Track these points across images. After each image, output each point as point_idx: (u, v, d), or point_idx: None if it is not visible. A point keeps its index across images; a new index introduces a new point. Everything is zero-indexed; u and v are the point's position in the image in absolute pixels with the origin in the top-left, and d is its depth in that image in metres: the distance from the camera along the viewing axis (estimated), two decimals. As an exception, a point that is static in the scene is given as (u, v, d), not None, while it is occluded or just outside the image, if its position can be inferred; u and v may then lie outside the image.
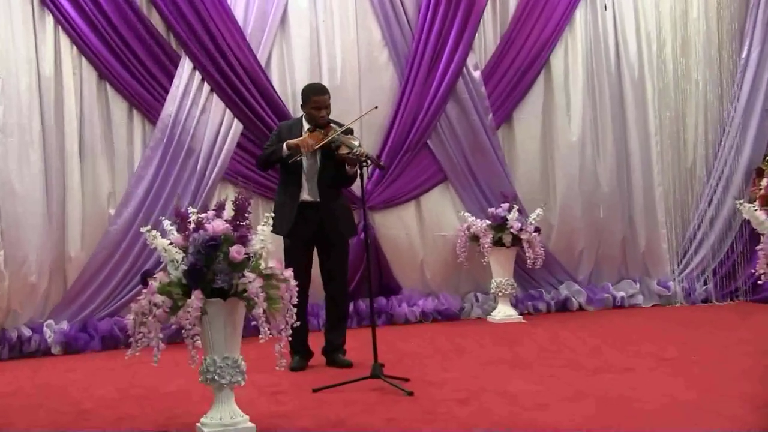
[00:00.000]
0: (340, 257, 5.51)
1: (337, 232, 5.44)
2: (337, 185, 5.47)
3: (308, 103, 5.36)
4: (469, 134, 7.69)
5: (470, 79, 7.69)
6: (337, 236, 5.45)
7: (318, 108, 5.32)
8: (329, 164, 5.35)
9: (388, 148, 7.45)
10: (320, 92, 5.39)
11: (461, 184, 7.71)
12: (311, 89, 5.45)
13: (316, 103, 5.33)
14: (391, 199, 7.49)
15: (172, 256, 3.86)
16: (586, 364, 5.30)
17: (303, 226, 5.35)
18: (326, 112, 5.36)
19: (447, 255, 7.60)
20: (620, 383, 4.76)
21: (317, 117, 5.33)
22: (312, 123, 5.38)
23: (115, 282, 6.63)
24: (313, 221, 5.37)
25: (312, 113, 5.34)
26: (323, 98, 5.36)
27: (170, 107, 6.80)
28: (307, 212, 5.37)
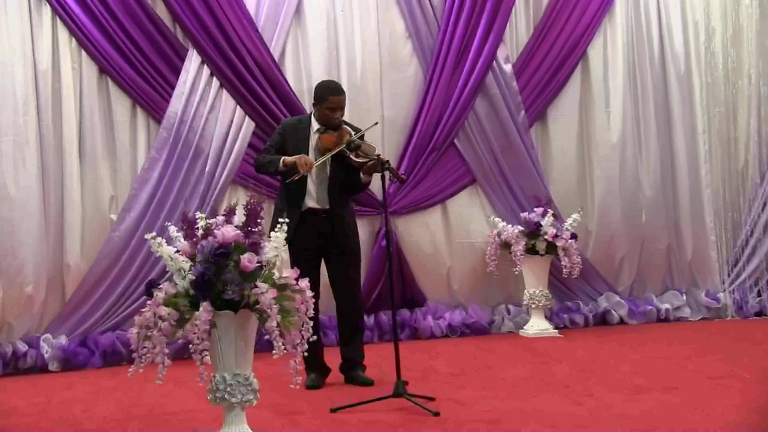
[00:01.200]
0: (351, 267, 5.50)
1: (347, 241, 5.44)
2: (346, 193, 5.47)
3: (323, 102, 5.34)
4: (499, 133, 7.70)
5: (501, 73, 7.71)
6: (346, 245, 5.44)
7: (333, 109, 5.33)
8: (341, 169, 5.35)
9: (412, 147, 7.46)
10: (338, 92, 5.38)
11: (491, 187, 7.71)
12: (328, 88, 5.43)
13: (333, 103, 5.33)
14: (415, 203, 7.49)
15: (179, 265, 3.86)
16: (628, 383, 5.25)
17: (309, 235, 5.33)
18: (341, 113, 5.37)
19: (476, 264, 7.60)
20: (665, 404, 4.71)
21: (332, 118, 5.33)
22: (323, 123, 5.37)
23: (117, 293, 6.63)
24: (320, 230, 5.36)
25: (326, 114, 5.34)
26: (341, 99, 5.36)
27: (176, 104, 6.82)
28: (314, 220, 5.35)
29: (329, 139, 5.28)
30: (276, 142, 5.47)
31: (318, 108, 5.39)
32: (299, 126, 5.48)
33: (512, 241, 7.28)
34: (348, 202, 5.53)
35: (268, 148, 5.48)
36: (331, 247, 5.41)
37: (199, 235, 3.92)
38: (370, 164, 5.18)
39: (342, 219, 5.40)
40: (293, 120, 5.69)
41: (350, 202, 5.58)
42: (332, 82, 5.68)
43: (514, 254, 7.22)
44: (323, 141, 5.29)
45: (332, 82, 5.75)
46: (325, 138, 5.30)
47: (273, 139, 5.54)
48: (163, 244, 3.91)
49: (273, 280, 3.86)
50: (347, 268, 5.47)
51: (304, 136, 5.39)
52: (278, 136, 5.50)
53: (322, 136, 5.31)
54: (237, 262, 3.77)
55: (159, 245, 3.89)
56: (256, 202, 3.95)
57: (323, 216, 5.35)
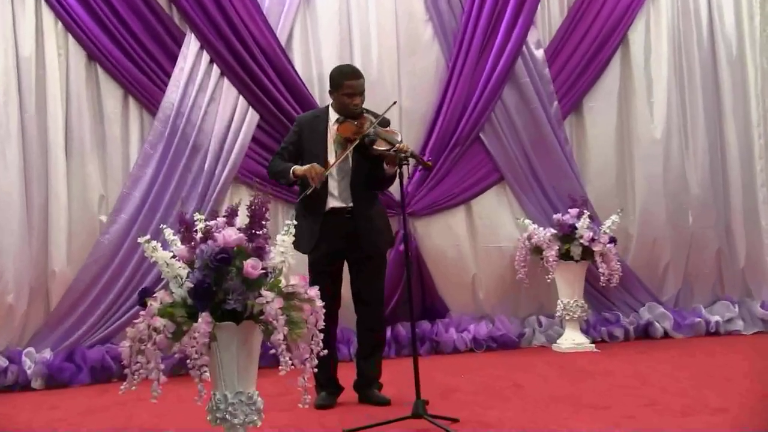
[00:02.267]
0: (375, 274, 5.50)
1: (374, 243, 5.43)
2: (372, 187, 5.45)
3: (339, 88, 5.33)
4: (530, 126, 7.70)
5: (531, 60, 7.71)
6: (373, 249, 5.43)
7: (351, 95, 5.30)
8: (364, 161, 5.33)
9: (433, 142, 7.45)
10: (354, 76, 5.35)
11: (520, 186, 7.71)
12: (343, 73, 5.42)
13: (350, 88, 5.30)
14: (437, 204, 7.48)
15: (175, 272, 3.86)
16: (673, 404, 5.20)
17: (331, 236, 5.32)
18: (360, 99, 5.34)
19: (503, 271, 7.61)
20: (714, 427, 4.67)
21: (350, 106, 5.31)
22: (342, 113, 5.36)
23: (107, 303, 6.64)
24: (343, 231, 5.33)
25: (343, 101, 5.32)
26: (358, 83, 5.33)
27: (173, 94, 6.84)
28: (337, 221, 5.33)
29: (348, 128, 5.27)
30: (292, 141, 5.48)
31: (335, 96, 5.38)
32: (316, 120, 5.49)
33: (544, 246, 7.28)
34: (375, 198, 5.52)
35: (283, 150, 5.48)
36: (355, 251, 5.41)
37: (198, 239, 3.91)
38: (392, 152, 5.11)
39: (368, 219, 5.39)
40: (309, 114, 5.70)
41: (377, 199, 5.56)
42: (349, 66, 5.70)
43: (546, 260, 7.23)
44: (342, 131, 5.27)
45: (348, 66, 5.76)
46: (344, 128, 5.28)
47: (288, 138, 5.54)
48: (157, 248, 3.89)
49: (279, 288, 3.84)
50: (372, 276, 5.48)
51: (322, 130, 5.40)
52: (294, 134, 5.50)
53: (341, 126, 5.31)
54: (240, 269, 3.76)
55: (153, 250, 3.88)
56: (261, 202, 3.94)
57: (347, 216, 5.34)
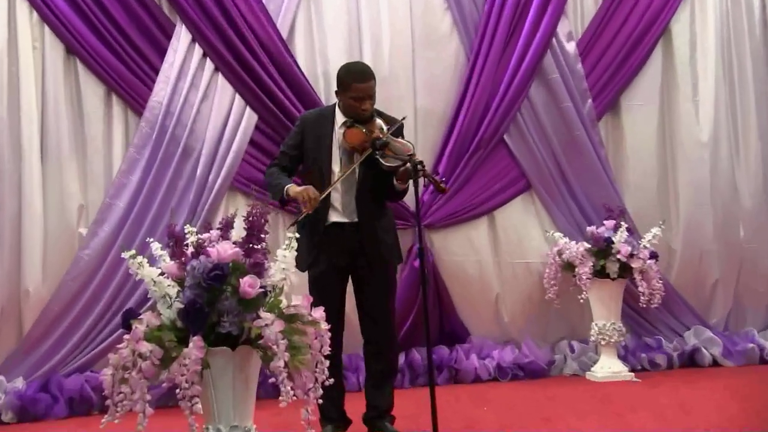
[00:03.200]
0: (383, 288, 5.45)
1: (380, 255, 5.39)
2: (381, 199, 5.45)
3: (347, 90, 5.28)
4: (560, 127, 7.71)
5: (562, 53, 7.72)
6: (380, 264, 5.40)
7: (360, 98, 5.26)
8: (371, 173, 5.30)
9: (452, 145, 7.44)
10: (364, 77, 5.30)
11: (550, 194, 7.70)
12: (352, 73, 5.35)
13: (359, 91, 5.25)
14: (456, 214, 7.48)
15: (164, 291, 3.87)
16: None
17: (333, 250, 5.32)
18: (370, 103, 5.31)
19: (531, 289, 7.61)
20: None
21: (358, 110, 5.27)
22: (350, 116, 5.33)
23: (87, 325, 6.62)
24: (346, 245, 5.33)
25: (351, 104, 5.28)
26: (368, 85, 5.28)
27: (161, 92, 6.84)
28: (340, 235, 5.33)
29: (357, 136, 5.23)
30: (294, 143, 5.46)
31: (342, 97, 5.35)
32: (321, 119, 5.46)
33: (576, 262, 7.24)
34: (384, 210, 5.50)
35: (283, 156, 5.47)
36: (361, 268, 5.39)
37: (189, 254, 3.93)
38: (403, 169, 5.09)
39: (374, 234, 5.37)
40: (314, 112, 5.69)
41: (386, 211, 5.53)
42: (358, 65, 5.62)
43: (579, 278, 7.19)
44: (348, 137, 5.24)
45: (358, 64, 5.69)
46: (352, 135, 5.25)
47: (290, 138, 5.52)
48: (144, 264, 3.91)
49: (280, 310, 3.86)
50: (381, 297, 5.45)
51: (327, 132, 5.37)
52: (296, 135, 5.48)
53: (348, 131, 5.27)
54: (235, 287, 3.78)
55: (139, 266, 3.90)
56: (260, 213, 3.95)
57: (351, 231, 5.33)
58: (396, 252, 5.56)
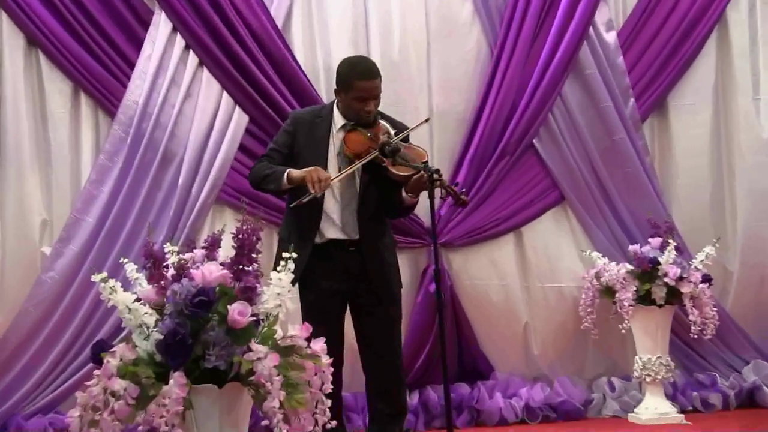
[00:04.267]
0: (390, 321, 5.49)
1: (387, 282, 5.44)
2: (385, 214, 5.48)
3: (349, 90, 5.29)
4: (598, 130, 7.67)
5: (601, 46, 7.67)
6: (385, 289, 5.44)
7: (364, 99, 5.26)
8: (375, 184, 5.33)
9: (473, 152, 7.41)
10: (369, 75, 5.31)
11: (586, 208, 7.66)
12: (355, 70, 5.37)
13: (363, 91, 5.26)
14: (478, 231, 7.45)
15: (140, 320, 3.89)
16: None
17: (331, 272, 5.34)
18: (375, 104, 5.33)
19: (564, 318, 7.59)
20: None
21: (361, 112, 5.28)
22: (351, 118, 5.34)
23: (51, 359, 6.61)
24: (347, 267, 5.36)
25: (353, 106, 5.30)
26: (372, 84, 5.29)
27: (137, 90, 6.84)
28: (339, 255, 5.35)
29: (358, 142, 5.24)
30: (283, 142, 5.46)
31: (342, 97, 5.37)
32: (316, 120, 5.47)
33: (617, 286, 7.17)
34: (387, 228, 5.55)
35: (273, 152, 5.47)
36: (362, 294, 5.41)
37: (170, 277, 3.99)
38: (416, 178, 5.09)
39: (378, 254, 5.40)
40: (307, 112, 5.70)
41: (389, 229, 5.59)
42: (362, 61, 5.65)
43: (620, 305, 7.12)
44: (350, 144, 5.25)
45: (362, 59, 5.75)
46: (353, 139, 5.26)
47: (279, 137, 5.53)
48: (117, 288, 3.93)
49: (275, 341, 3.90)
50: (385, 327, 5.48)
51: (323, 136, 5.38)
52: (286, 134, 5.48)
53: (349, 136, 5.29)
54: (223, 315, 3.81)
55: (111, 291, 3.92)
56: (251, 229, 3.98)
57: (351, 250, 5.36)
58: (399, 276, 5.62)
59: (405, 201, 5.27)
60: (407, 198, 5.24)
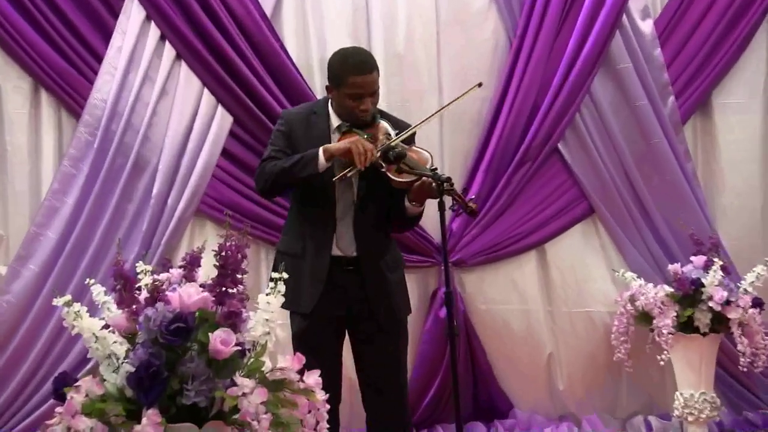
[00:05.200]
0: (394, 354, 5.45)
1: (390, 309, 5.38)
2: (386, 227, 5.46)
3: (341, 85, 5.24)
4: (633, 133, 7.65)
5: (635, 36, 7.63)
6: (389, 316, 5.38)
7: (359, 96, 5.21)
8: (372, 193, 5.31)
9: (489, 157, 7.40)
10: (363, 68, 5.23)
11: (619, 221, 7.64)
12: (347, 62, 5.30)
13: (357, 87, 5.20)
14: (495, 248, 7.46)
15: (109, 349, 3.86)
16: None
17: (327, 296, 5.29)
18: (372, 101, 5.26)
19: (594, 348, 7.57)
20: None
21: (356, 111, 5.24)
22: (345, 118, 5.31)
23: (7, 395, 6.63)
24: (344, 291, 5.31)
25: (347, 104, 5.25)
26: (369, 79, 5.22)
27: (106, 87, 6.85)
28: (335, 275, 5.31)
29: None
30: (282, 144, 5.40)
31: (335, 94, 5.33)
32: (311, 120, 5.45)
33: (655, 312, 7.08)
34: (389, 242, 5.51)
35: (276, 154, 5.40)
36: (362, 321, 5.37)
37: (142, 300, 3.96)
38: (419, 185, 5.04)
39: (379, 273, 5.36)
40: (300, 111, 5.65)
41: (393, 245, 5.55)
42: (355, 52, 5.58)
43: (659, 333, 7.02)
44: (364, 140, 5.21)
45: (356, 50, 5.67)
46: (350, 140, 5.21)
47: (276, 141, 5.46)
48: (82, 314, 3.89)
49: (263, 374, 3.90)
50: (389, 358, 5.44)
51: (319, 137, 5.33)
52: (282, 136, 5.43)
53: (345, 138, 5.25)
54: (205, 345, 3.78)
55: (76, 316, 3.88)
56: (236, 246, 3.97)
57: (349, 269, 5.32)
58: (406, 299, 5.58)
59: (408, 210, 5.22)
60: (411, 207, 5.19)
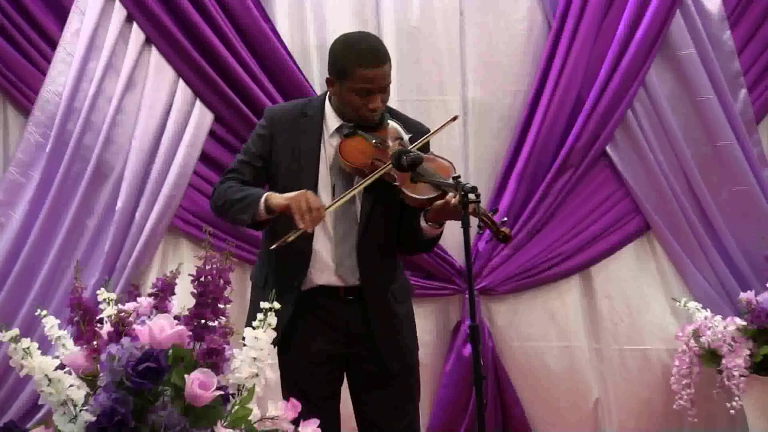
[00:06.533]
0: (402, 401, 5.34)
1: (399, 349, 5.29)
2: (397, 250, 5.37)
3: (347, 78, 5.06)
4: (696, 133, 7.58)
5: (700, 17, 7.55)
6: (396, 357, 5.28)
7: (367, 91, 5.04)
8: (380, 210, 5.17)
9: (523, 162, 7.37)
10: (373, 59, 5.06)
11: (680, 240, 7.58)
12: (354, 51, 5.11)
13: (366, 81, 5.02)
14: (530, 273, 7.47)
15: (64, 394, 3.88)
16: None
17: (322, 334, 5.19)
18: (382, 98, 5.11)
19: (651, 392, 7.53)
20: None
21: (363, 110, 5.07)
22: (348, 117, 5.15)
23: None
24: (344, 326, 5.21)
25: (353, 101, 5.08)
26: (379, 72, 5.06)
27: (60, 78, 6.86)
28: (333, 307, 5.19)
29: (360, 150, 5.06)
30: (256, 152, 5.28)
31: (337, 89, 5.14)
32: (301, 120, 5.28)
33: (724, 349, 7.05)
34: (397, 270, 5.40)
35: (240, 167, 5.30)
36: (365, 361, 5.26)
37: (105, 335, 4.01)
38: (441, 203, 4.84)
39: (386, 306, 5.24)
40: (287, 109, 5.49)
41: (400, 270, 5.43)
42: (364, 38, 5.38)
43: (728, 374, 7.00)
44: (348, 154, 5.05)
45: (364, 36, 5.44)
46: (353, 148, 5.06)
47: (250, 146, 5.34)
48: (32, 351, 3.94)
49: (250, 424, 3.94)
50: (397, 406, 5.33)
51: (311, 143, 5.21)
52: (260, 140, 5.29)
53: (347, 143, 5.10)
54: (180, 389, 3.81)
55: (25, 354, 3.93)
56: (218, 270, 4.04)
57: (349, 300, 5.18)
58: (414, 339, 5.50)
59: (425, 232, 5.05)
60: (428, 228, 5.02)
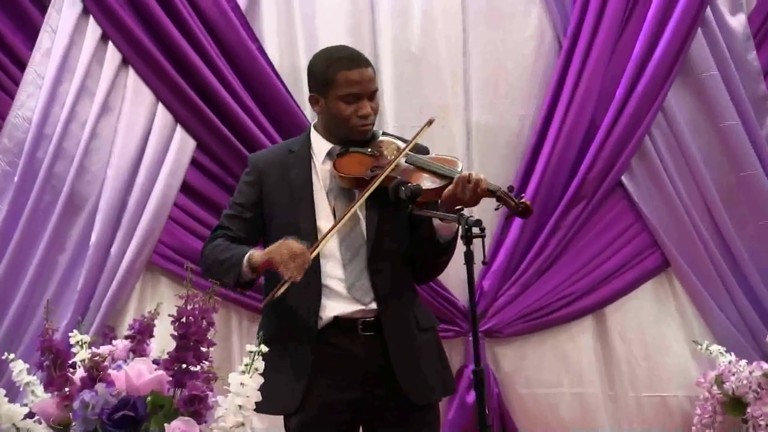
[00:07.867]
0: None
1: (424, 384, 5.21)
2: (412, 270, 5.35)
3: (331, 86, 5.17)
4: (719, 161, 7.78)
5: (723, 35, 7.74)
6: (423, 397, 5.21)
7: (355, 96, 5.15)
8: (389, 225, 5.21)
9: (532, 191, 7.48)
10: (354, 61, 5.22)
11: (702, 277, 7.74)
12: (334, 57, 5.26)
13: (351, 84, 5.14)
14: (539, 313, 7.58)
15: None
16: None
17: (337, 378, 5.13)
18: (372, 106, 5.23)
19: None
20: None
21: (353, 118, 5.17)
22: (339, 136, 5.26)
23: None
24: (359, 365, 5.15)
25: (341, 111, 5.17)
26: (365, 73, 5.19)
27: (30, 101, 6.98)
28: (348, 344, 5.14)
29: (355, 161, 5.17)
30: (245, 202, 5.36)
31: (323, 104, 5.26)
32: (288, 159, 5.40)
33: (749, 396, 7.22)
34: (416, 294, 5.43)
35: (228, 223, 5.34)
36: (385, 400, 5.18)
37: (78, 381, 4.08)
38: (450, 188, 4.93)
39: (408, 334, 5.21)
40: (272, 153, 5.63)
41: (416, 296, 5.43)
42: (342, 47, 5.56)
43: (754, 424, 7.16)
44: (344, 168, 5.15)
45: (343, 46, 5.62)
46: (348, 162, 5.17)
47: (237, 197, 5.43)
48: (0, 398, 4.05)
49: None
50: None
51: (302, 177, 5.30)
52: (248, 188, 5.39)
53: (341, 160, 5.20)
54: None
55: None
56: (200, 310, 4.12)
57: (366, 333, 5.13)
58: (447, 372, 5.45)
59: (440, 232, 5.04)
60: (441, 225, 5.02)
